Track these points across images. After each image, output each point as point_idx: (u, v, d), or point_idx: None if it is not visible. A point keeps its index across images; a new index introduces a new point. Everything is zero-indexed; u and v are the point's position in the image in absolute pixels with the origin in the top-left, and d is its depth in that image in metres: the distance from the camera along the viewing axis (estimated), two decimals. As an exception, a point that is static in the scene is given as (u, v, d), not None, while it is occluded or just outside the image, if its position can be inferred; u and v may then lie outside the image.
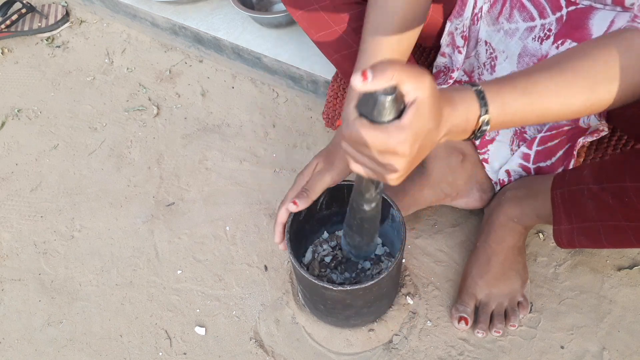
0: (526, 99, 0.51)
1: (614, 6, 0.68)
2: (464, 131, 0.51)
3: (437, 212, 1.00)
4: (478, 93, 0.50)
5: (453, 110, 0.49)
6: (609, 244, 0.68)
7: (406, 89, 0.44)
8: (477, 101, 0.50)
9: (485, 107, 0.50)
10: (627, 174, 0.61)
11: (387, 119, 0.45)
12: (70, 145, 1.20)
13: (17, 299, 0.98)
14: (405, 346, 0.86)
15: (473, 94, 0.50)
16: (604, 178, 0.65)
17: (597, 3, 0.70)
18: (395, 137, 0.45)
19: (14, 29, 1.42)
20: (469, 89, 0.50)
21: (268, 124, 1.18)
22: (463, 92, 0.50)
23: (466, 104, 0.50)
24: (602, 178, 0.66)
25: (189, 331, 0.91)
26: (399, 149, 0.45)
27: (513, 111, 0.51)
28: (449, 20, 0.85)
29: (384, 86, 0.43)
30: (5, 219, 1.09)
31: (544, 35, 0.76)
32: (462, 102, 0.50)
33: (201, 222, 1.04)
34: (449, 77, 0.91)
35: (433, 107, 0.45)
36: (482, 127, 0.51)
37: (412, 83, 0.43)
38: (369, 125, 0.45)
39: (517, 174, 0.89)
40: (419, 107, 0.44)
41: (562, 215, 0.74)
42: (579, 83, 0.51)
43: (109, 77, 1.34)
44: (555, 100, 0.52)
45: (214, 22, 1.27)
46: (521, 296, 0.86)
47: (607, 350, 0.83)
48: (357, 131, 0.45)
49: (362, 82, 0.42)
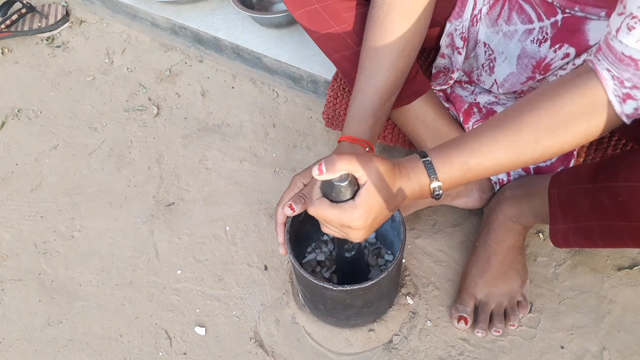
0: (474, 159, 0.56)
1: (607, 18, 0.68)
2: (421, 195, 0.59)
3: (437, 212, 1.00)
4: (426, 163, 0.57)
5: (407, 181, 0.57)
6: (604, 243, 0.68)
7: (358, 175, 0.54)
8: (425, 171, 0.57)
9: (434, 175, 0.57)
10: (621, 174, 0.61)
11: (344, 199, 0.55)
12: (70, 145, 1.20)
13: (17, 299, 0.98)
14: (405, 346, 0.86)
15: (421, 165, 0.57)
16: (599, 178, 0.66)
17: (591, 15, 0.70)
18: (349, 214, 0.55)
19: (14, 29, 1.42)
20: (418, 160, 0.57)
21: (268, 124, 1.19)
22: (413, 163, 0.58)
23: (417, 175, 0.57)
24: (597, 178, 0.66)
25: (189, 331, 0.91)
26: (353, 224, 0.55)
27: (463, 173, 0.57)
28: (449, 22, 0.85)
29: (335, 176, 0.53)
30: (5, 219, 1.09)
31: (542, 38, 0.76)
32: (413, 173, 0.57)
33: (201, 222, 1.04)
34: (449, 78, 0.91)
35: (383, 186, 0.55)
36: (435, 192, 0.58)
37: (362, 170, 0.54)
38: (328, 205, 0.56)
39: (517, 174, 0.89)
40: (368, 188, 0.54)
41: (558, 215, 0.74)
42: (523, 138, 0.55)
43: (109, 77, 1.34)
44: (503, 156, 0.56)
45: (214, 22, 1.27)
46: (521, 296, 0.86)
47: (607, 350, 0.83)
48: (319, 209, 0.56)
49: (318, 174, 0.52)
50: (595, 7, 0.69)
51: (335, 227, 0.58)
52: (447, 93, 0.94)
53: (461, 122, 0.90)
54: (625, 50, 0.48)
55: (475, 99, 0.91)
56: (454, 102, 0.91)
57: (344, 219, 0.55)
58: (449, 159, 0.57)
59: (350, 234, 0.58)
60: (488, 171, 0.57)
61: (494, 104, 0.90)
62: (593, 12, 0.70)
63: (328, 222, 0.57)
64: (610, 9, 0.67)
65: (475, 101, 0.90)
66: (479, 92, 0.92)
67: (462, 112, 0.90)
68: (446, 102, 0.93)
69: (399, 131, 0.99)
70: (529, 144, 0.55)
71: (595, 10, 0.69)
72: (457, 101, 0.91)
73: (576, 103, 0.52)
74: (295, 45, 1.19)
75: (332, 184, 0.54)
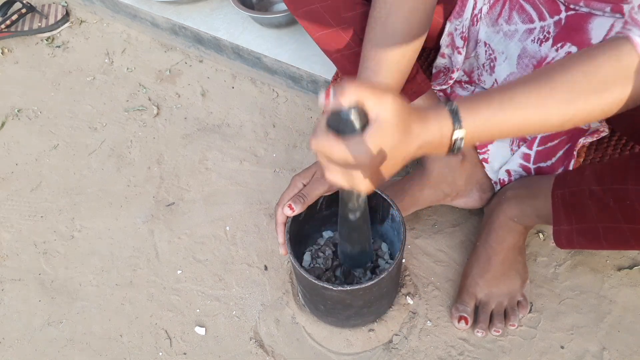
0: (502, 114, 0.52)
1: (613, 14, 0.68)
2: (439, 146, 0.53)
3: (437, 212, 1.00)
4: (451, 110, 0.52)
5: (425, 127, 0.51)
6: (608, 245, 0.68)
7: (368, 107, 0.48)
8: (449, 118, 0.52)
9: (459, 123, 0.52)
10: (629, 177, 0.61)
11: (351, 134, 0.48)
12: (70, 145, 1.20)
13: (17, 299, 0.98)
14: (405, 346, 0.86)
15: (446, 111, 0.52)
16: (606, 180, 0.65)
17: (596, 10, 0.70)
18: (354, 149, 0.48)
19: (14, 29, 1.42)
20: (443, 106, 0.52)
21: (268, 124, 1.19)
22: (437, 109, 0.52)
23: (439, 121, 0.52)
24: (604, 180, 0.66)
25: (189, 331, 0.91)
26: (359, 160, 0.49)
27: (489, 126, 0.52)
28: (449, 21, 0.85)
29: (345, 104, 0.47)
30: (5, 219, 1.09)
31: (543, 37, 0.76)
32: (435, 119, 0.52)
33: (201, 222, 1.04)
34: (449, 78, 0.91)
35: (396, 124, 0.49)
36: (456, 144, 0.53)
37: (374, 101, 0.48)
38: (333, 138, 0.49)
39: (518, 174, 0.89)
40: (379, 123, 0.48)
41: (562, 216, 0.74)
42: (556, 96, 0.51)
43: (109, 77, 1.34)
44: (532, 114, 0.52)
45: (214, 22, 1.27)
46: (521, 296, 0.86)
47: (607, 350, 0.83)
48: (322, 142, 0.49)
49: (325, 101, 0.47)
50: (600, 1, 0.69)
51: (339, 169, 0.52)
52: (447, 93, 0.94)
53: (461, 122, 0.90)
54: None
55: (475, 99, 0.91)
56: (454, 102, 0.91)
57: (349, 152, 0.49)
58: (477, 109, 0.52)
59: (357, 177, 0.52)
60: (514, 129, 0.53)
61: (494, 104, 0.89)
62: (598, 8, 0.69)
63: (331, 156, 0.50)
64: (615, 4, 0.67)
65: (475, 101, 0.90)
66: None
67: (462, 112, 0.89)
68: (446, 102, 0.93)
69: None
70: (562, 105, 0.52)
71: (600, 6, 0.69)
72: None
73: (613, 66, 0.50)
74: (295, 45, 1.19)
75: (339, 114, 0.48)
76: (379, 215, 0.85)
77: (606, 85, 0.50)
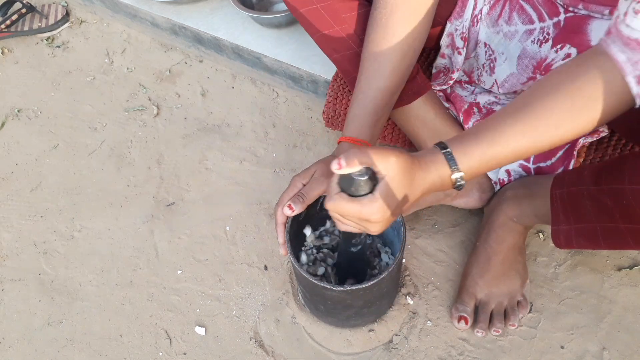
0: (493, 149, 0.55)
1: (611, 16, 0.68)
2: (442, 187, 0.58)
3: (437, 212, 1.00)
4: (446, 155, 0.56)
5: (426, 174, 0.57)
6: (606, 245, 0.68)
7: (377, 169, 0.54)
8: (446, 163, 0.56)
9: (455, 166, 0.56)
10: (625, 176, 0.61)
11: (363, 194, 0.55)
12: (70, 145, 1.20)
13: (17, 299, 0.98)
14: (405, 346, 0.86)
15: (442, 157, 0.56)
16: (603, 179, 0.65)
17: (594, 13, 0.70)
18: (367, 208, 0.54)
19: (14, 29, 1.42)
20: (438, 152, 0.57)
21: (268, 124, 1.19)
22: (433, 156, 0.57)
23: (437, 167, 0.57)
24: (601, 179, 0.66)
25: (189, 331, 0.91)
26: (372, 217, 0.55)
27: (484, 162, 0.56)
28: (449, 22, 0.85)
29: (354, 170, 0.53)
30: (5, 219, 1.09)
31: (543, 39, 0.76)
32: (433, 165, 0.57)
33: (201, 222, 1.04)
34: (449, 78, 0.91)
35: (402, 180, 0.55)
36: (457, 183, 0.57)
37: (381, 164, 0.54)
38: (347, 199, 0.55)
39: (517, 174, 0.89)
40: (387, 182, 0.54)
41: (560, 216, 0.74)
42: (543, 123, 0.54)
43: (109, 77, 1.34)
44: (522, 143, 0.55)
45: (214, 22, 1.27)
46: (521, 296, 0.86)
47: (607, 350, 0.83)
48: (338, 204, 0.55)
49: (337, 168, 0.53)
50: (598, 4, 0.69)
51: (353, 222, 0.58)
52: (447, 93, 0.94)
53: (461, 122, 0.90)
54: (632, 34, 0.48)
55: (475, 99, 0.91)
56: (454, 102, 0.91)
57: (363, 212, 0.55)
58: (469, 149, 0.56)
59: (369, 227, 0.57)
60: (507, 159, 0.57)
61: (494, 104, 0.90)
62: (596, 10, 0.70)
63: (347, 216, 0.56)
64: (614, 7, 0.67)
65: (475, 101, 0.90)
66: (479, 92, 0.92)
67: (462, 112, 0.90)
68: (446, 102, 0.93)
69: (399, 131, 0.99)
70: (549, 130, 0.54)
71: (598, 8, 0.69)
72: (457, 101, 0.91)
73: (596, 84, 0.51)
74: (295, 45, 1.19)
75: (351, 178, 0.54)
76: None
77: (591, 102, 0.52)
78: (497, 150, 0.55)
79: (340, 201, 0.55)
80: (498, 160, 0.56)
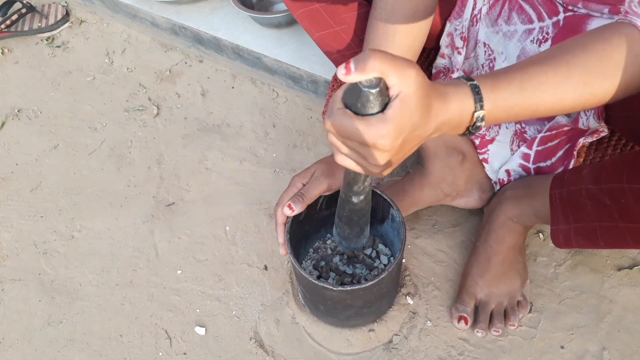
0: (521, 94, 0.50)
1: (611, 15, 0.68)
2: (457, 126, 0.50)
3: (437, 212, 1.00)
4: (473, 88, 0.49)
5: (445, 105, 0.48)
6: (605, 244, 0.68)
7: (391, 82, 0.43)
8: (472, 96, 0.49)
9: (481, 102, 0.49)
10: (624, 176, 0.61)
11: (371, 112, 0.44)
12: (70, 145, 1.20)
13: (17, 299, 0.98)
14: (405, 346, 0.86)
15: (468, 89, 0.49)
16: (602, 179, 0.65)
17: (594, 12, 0.70)
18: (376, 130, 0.44)
19: (14, 29, 1.42)
20: (464, 83, 0.49)
21: (268, 124, 1.19)
22: (457, 87, 0.49)
23: (460, 99, 0.48)
24: (600, 179, 0.66)
25: (189, 331, 0.91)
26: (380, 142, 0.44)
27: (508, 106, 0.50)
28: (449, 22, 0.85)
29: (366, 78, 0.42)
30: (5, 219, 1.09)
31: (542, 38, 0.76)
32: (456, 97, 0.48)
33: (201, 222, 1.04)
34: (448, 78, 0.91)
35: (419, 102, 0.44)
36: (476, 123, 0.50)
37: (397, 76, 0.43)
38: (352, 117, 0.44)
39: (517, 174, 0.89)
40: (402, 101, 0.44)
41: (559, 215, 0.74)
42: (572, 77, 0.50)
43: (109, 77, 1.34)
44: (548, 94, 0.51)
45: (214, 22, 1.27)
46: (521, 296, 0.86)
47: (607, 350, 0.83)
48: (339, 121, 0.45)
49: (344, 73, 0.42)
50: (598, 3, 0.69)
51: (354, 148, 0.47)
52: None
53: (461, 122, 0.90)
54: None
55: (475, 99, 0.91)
56: (454, 102, 0.91)
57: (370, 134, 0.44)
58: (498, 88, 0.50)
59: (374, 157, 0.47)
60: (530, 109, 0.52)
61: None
62: (596, 9, 0.69)
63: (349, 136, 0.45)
64: (613, 6, 0.67)
65: (475, 101, 0.90)
66: (479, 92, 0.91)
67: (462, 112, 0.89)
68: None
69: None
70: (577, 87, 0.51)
71: (598, 7, 0.69)
72: (457, 101, 0.91)
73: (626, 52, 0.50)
74: (295, 45, 1.19)
75: (359, 89, 0.43)
76: (379, 215, 0.85)
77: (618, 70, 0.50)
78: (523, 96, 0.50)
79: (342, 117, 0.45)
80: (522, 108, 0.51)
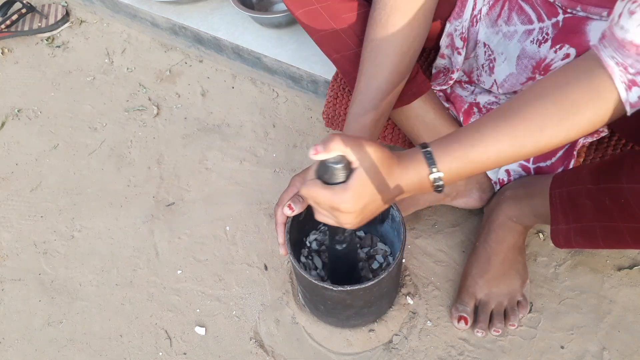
0: (475, 151, 0.55)
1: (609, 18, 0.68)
2: (421, 187, 0.57)
3: (437, 212, 1.00)
4: (425, 154, 0.56)
5: (404, 171, 0.56)
6: (605, 244, 0.68)
7: (351, 159, 0.54)
8: (424, 162, 0.56)
9: (434, 165, 0.55)
10: (623, 175, 0.61)
11: (337, 182, 0.55)
12: (70, 145, 1.20)
13: (17, 299, 0.98)
14: (405, 346, 0.86)
15: (421, 155, 0.56)
16: (601, 179, 0.65)
17: (592, 14, 0.70)
18: (339, 197, 0.55)
19: (14, 29, 1.42)
20: (419, 150, 0.56)
21: (268, 124, 1.19)
22: (413, 154, 0.56)
23: (415, 166, 0.56)
24: (599, 179, 0.66)
25: (189, 331, 0.91)
26: (343, 206, 0.55)
27: (465, 164, 0.55)
28: (448, 22, 0.85)
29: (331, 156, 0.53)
30: (5, 219, 1.09)
31: (542, 39, 0.76)
32: (411, 164, 0.56)
33: (201, 222, 1.04)
34: (448, 78, 0.91)
35: (377, 172, 0.54)
36: (436, 183, 0.56)
37: (355, 153, 0.53)
38: (320, 185, 0.55)
39: (517, 174, 0.89)
40: (361, 173, 0.54)
41: (559, 215, 0.74)
42: (527, 127, 0.53)
43: (109, 77, 1.34)
44: (506, 145, 0.54)
45: (214, 22, 1.27)
46: (521, 296, 0.86)
47: (607, 350, 0.83)
48: (310, 190, 0.56)
49: (313, 153, 0.53)
50: (597, 6, 0.69)
51: (326, 211, 0.58)
52: (447, 93, 0.94)
53: (461, 122, 0.90)
54: (627, 35, 0.48)
55: (475, 99, 0.91)
56: (454, 102, 0.92)
57: (334, 200, 0.55)
58: (450, 149, 0.55)
59: (340, 218, 0.57)
60: (490, 162, 0.56)
61: (494, 104, 0.90)
62: (595, 12, 0.70)
63: (318, 203, 0.57)
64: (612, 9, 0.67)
65: (475, 101, 0.90)
66: (479, 92, 0.92)
67: (462, 112, 0.90)
68: (446, 102, 0.93)
69: (399, 131, 0.99)
70: (534, 134, 0.53)
71: (597, 10, 0.69)
72: (457, 101, 0.91)
73: (583, 90, 0.51)
74: (295, 45, 1.19)
75: (326, 165, 0.54)
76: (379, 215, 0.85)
77: (576, 109, 0.52)
78: (478, 152, 0.55)
79: (313, 187, 0.56)
80: (480, 163, 0.56)
